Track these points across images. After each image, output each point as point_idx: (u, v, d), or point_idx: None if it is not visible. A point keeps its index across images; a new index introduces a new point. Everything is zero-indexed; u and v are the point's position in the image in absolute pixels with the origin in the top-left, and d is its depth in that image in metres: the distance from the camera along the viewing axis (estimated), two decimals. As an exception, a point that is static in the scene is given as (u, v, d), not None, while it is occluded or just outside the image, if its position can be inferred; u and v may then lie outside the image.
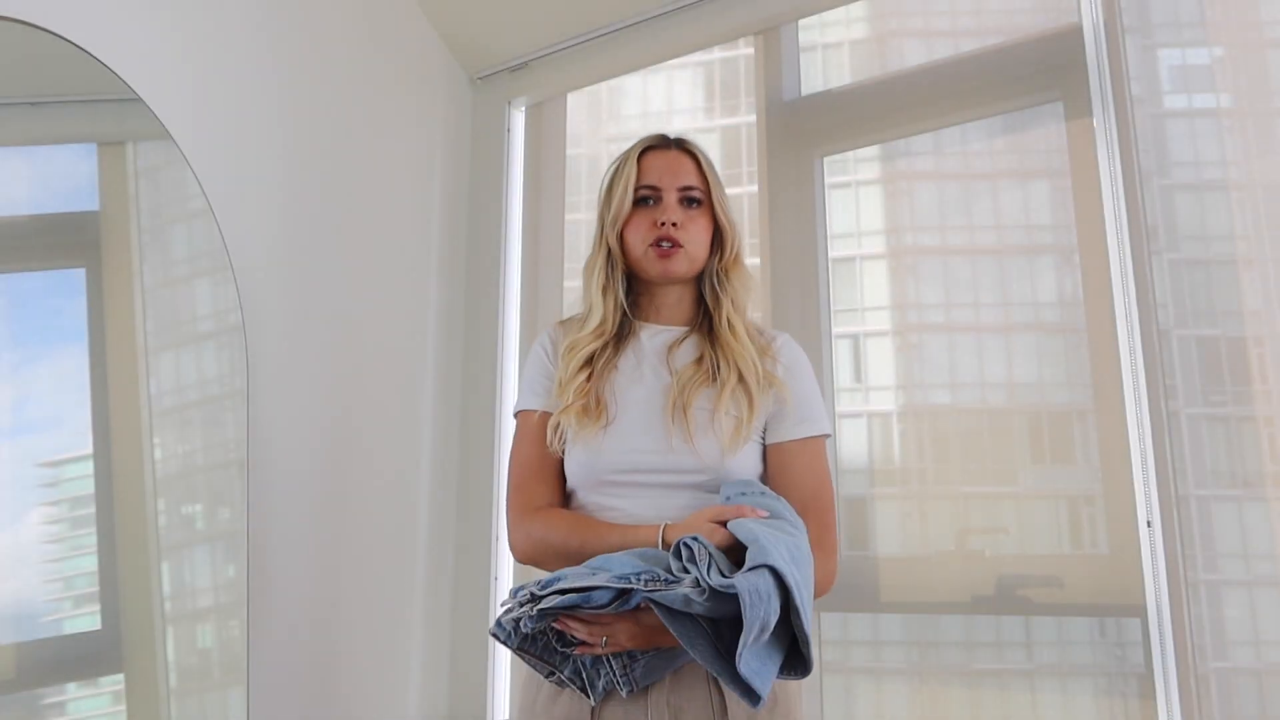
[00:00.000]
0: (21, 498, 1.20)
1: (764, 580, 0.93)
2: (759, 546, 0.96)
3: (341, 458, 1.79)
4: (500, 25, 2.18)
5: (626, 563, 1.02)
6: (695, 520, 1.08)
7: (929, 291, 1.79)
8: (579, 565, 1.06)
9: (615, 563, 1.03)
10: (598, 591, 0.99)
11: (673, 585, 0.97)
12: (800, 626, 0.96)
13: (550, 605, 1.00)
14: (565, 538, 1.16)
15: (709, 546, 1.00)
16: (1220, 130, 1.58)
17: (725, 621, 0.96)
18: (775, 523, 1.05)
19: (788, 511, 1.10)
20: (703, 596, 0.94)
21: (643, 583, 0.98)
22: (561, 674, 1.09)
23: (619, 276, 1.30)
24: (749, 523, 1.03)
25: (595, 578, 1.00)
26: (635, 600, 0.98)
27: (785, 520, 1.07)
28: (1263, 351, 1.46)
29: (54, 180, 1.31)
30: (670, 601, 0.95)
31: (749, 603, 0.91)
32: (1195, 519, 1.44)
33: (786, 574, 0.94)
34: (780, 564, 0.94)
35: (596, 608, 0.99)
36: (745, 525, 1.02)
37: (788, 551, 0.98)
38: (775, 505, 1.10)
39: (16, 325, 1.22)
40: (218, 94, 1.56)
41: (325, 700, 1.70)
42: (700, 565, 0.97)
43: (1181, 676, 1.40)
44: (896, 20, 1.95)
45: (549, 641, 1.07)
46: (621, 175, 1.30)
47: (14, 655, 1.17)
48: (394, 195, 2.03)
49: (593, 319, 1.28)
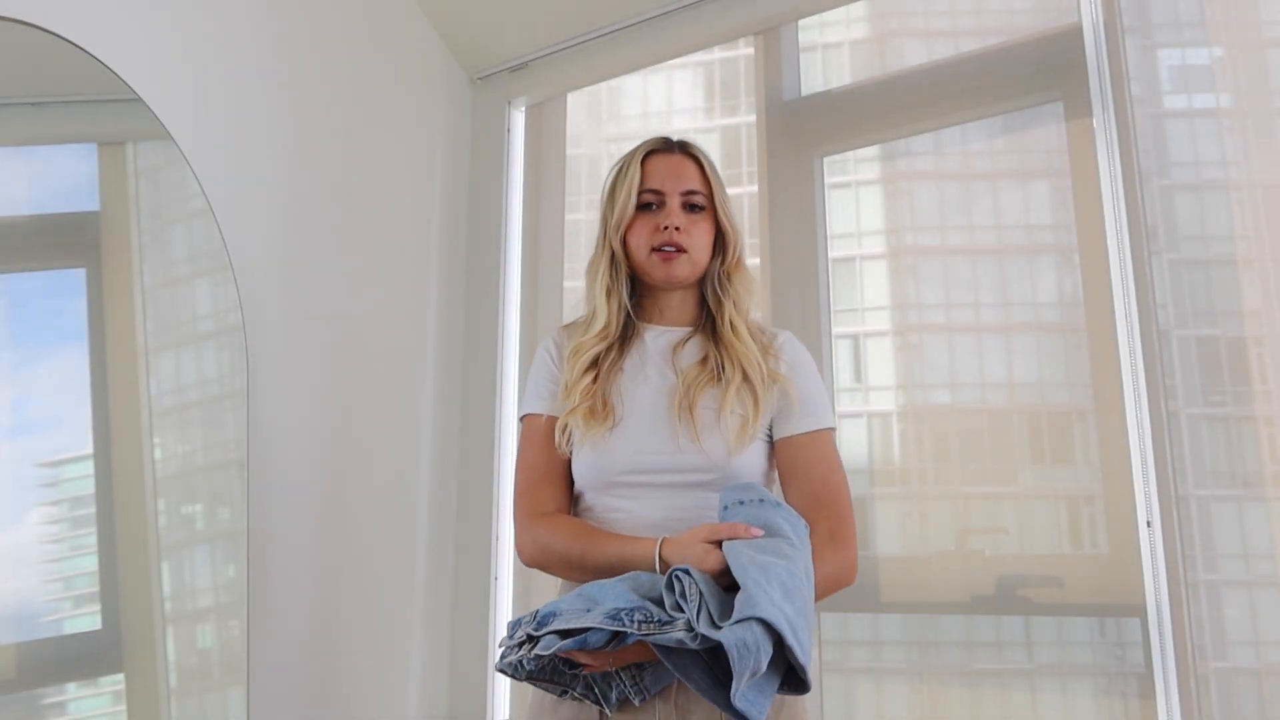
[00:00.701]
0: (21, 498, 1.20)
1: (751, 633, 0.92)
2: (747, 594, 0.95)
3: (342, 458, 1.79)
4: (500, 25, 2.18)
5: (620, 594, 1.02)
6: (690, 540, 1.08)
7: (929, 291, 1.79)
8: (572, 595, 1.06)
9: (609, 594, 1.02)
10: (592, 634, 0.99)
11: (666, 626, 0.97)
12: (795, 658, 0.96)
13: (547, 651, 1.00)
14: (568, 545, 1.16)
15: (700, 582, 0.99)
16: (1220, 130, 1.58)
17: (721, 648, 0.96)
18: (771, 544, 1.04)
19: (787, 521, 1.08)
20: (695, 641, 0.95)
21: (636, 624, 0.98)
22: (574, 692, 1.09)
23: (623, 279, 1.30)
24: (742, 551, 1.02)
25: (589, 616, 1.00)
26: (630, 641, 0.99)
27: (783, 537, 1.06)
28: (1262, 351, 1.46)
29: (54, 180, 1.31)
30: (665, 643, 0.96)
31: (736, 656, 0.91)
32: (1195, 519, 1.44)
33: (776, 621, 0.93)
34: (768, 612, 0.94)
35: (592, 649, 1.00)
36: (738, 555, 1.01)
37: (780, 587, 0.97)
38: (773, 517, 1.08)
39: (16, 325, 1.22)
40: (218, 94, 1.56)
41: (325, 700, 1.70)
42: (690, 606, 0.97)
43: (1181, 676, 1.40)
44: (896, 20, 1.95)
45: (556, 665, 1.07)
46: (625, 178, 1.30)
47: (14, 655, 1.17)
48: (394, 195, 2.03)
49: (597, 321, 1.28)
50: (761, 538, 1.05)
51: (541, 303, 2.19)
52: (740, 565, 1.00)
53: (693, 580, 0.99)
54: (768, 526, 1.07)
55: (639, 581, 1.04)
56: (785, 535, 1.06)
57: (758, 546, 1.03)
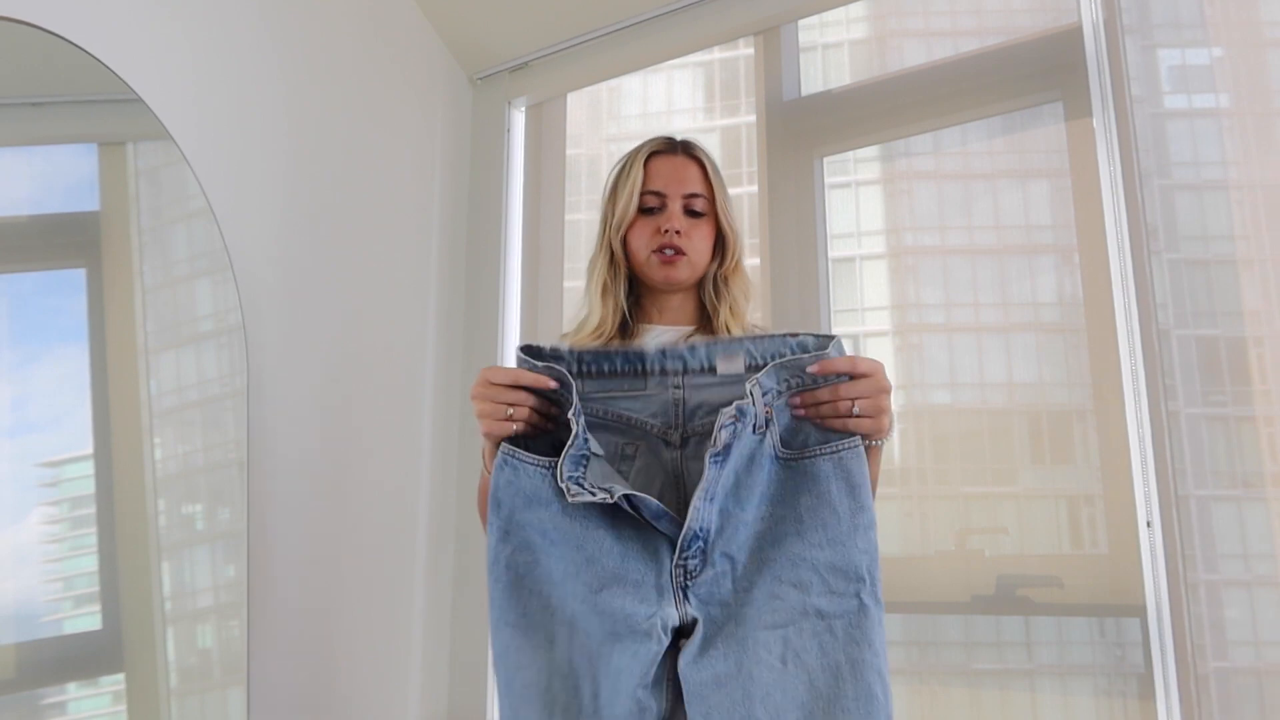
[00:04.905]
0: (21, 498, 1.20)
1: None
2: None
3: (341, 458, 1.79)
4: (500, 25, 2.18)
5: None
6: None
7: (929, 291, 1.79)
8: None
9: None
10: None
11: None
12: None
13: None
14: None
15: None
16: (1220, 130, 1.58)
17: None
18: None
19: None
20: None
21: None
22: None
23: (621, 279, 1.30)
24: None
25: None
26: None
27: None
28: (1262, 351, 1.46)
29: (54, 180, 1.31)
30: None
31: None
32: (1195, 519, 1.44)
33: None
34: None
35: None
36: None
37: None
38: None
39: (16, 325, 1.22)
40: (218, 94, 1.56)
41: (325, 700, 1.70)
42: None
43: (1181, 676, 1.40)
44: (896, 20, 1.95)
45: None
46: (627, 179, 1.29)
47: (14, 655, 1.17)
48: (394, 195, 2.03)
49: (591, 320, 1.28)
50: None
51: (541, 303, 2.19)
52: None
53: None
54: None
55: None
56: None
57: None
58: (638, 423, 1.05)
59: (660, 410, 1.04)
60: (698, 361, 1.04)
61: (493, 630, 1.00)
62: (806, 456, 0.99)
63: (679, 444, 1.04)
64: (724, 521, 0.98)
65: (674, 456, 1.04)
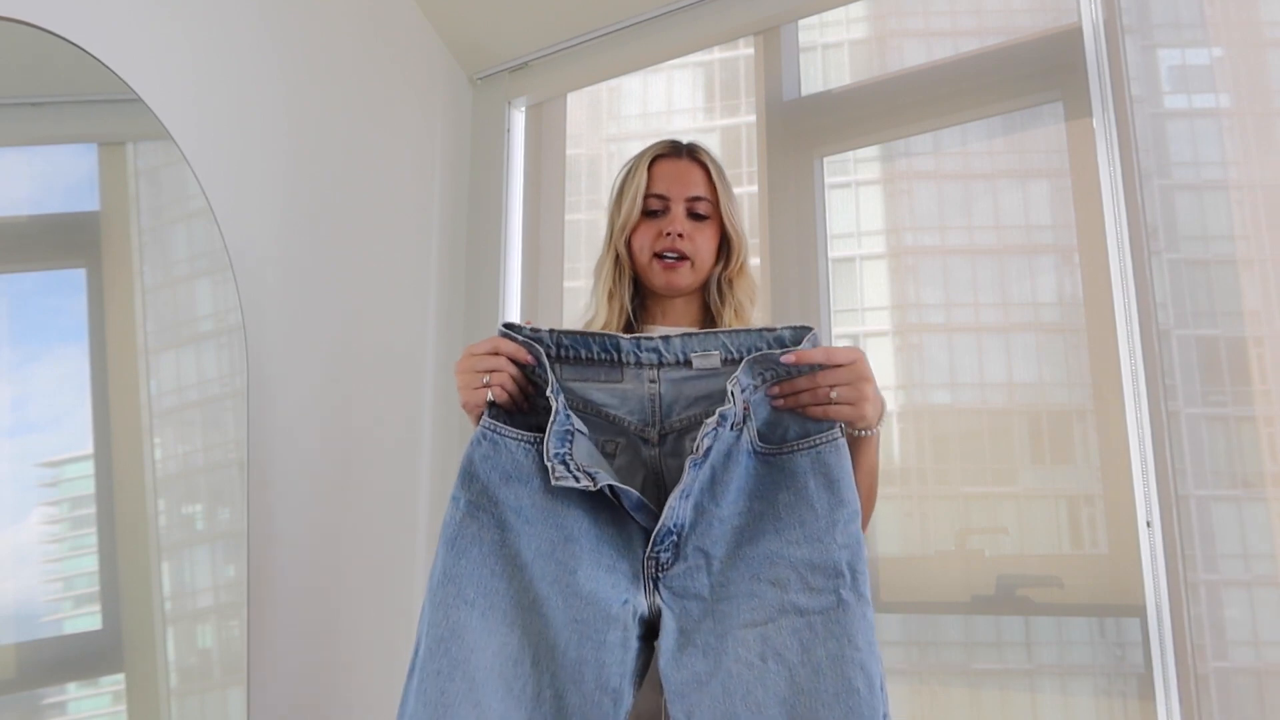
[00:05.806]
0: (21, 498, 1.19)
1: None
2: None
3: (342, 458, 1.79)
4: (500, 25, 2.18)
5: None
6: None
7: (929, 291, 1.79)
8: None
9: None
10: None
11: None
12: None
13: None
14: None
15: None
16: (1220, 130, 1.58)
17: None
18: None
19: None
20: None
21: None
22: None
23: (626, 281, 1.30)
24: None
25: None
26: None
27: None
28: (1262, 351, 1.46)
29: (54, 180, 1.31)
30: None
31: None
32: (1195, 519, 1.44)
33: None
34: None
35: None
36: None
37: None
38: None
39: (16, 325, 1.22)
40: (218, 94, 1.56)
41: (325, 700, 1.70)
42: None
43: (1181, 676, 1.40)
44: (896, 20, 1.95)
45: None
46: (631, 182, 1.30)
47: (14, 655, 1.17)
48: (394, 195, 2.03)
49: (596, 323, 1.30)
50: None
51: (541, 303, 2.19)
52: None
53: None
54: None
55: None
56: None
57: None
58: (616, 419, 1.05)
59: (637, 407, 1.05)
60: (673, 355, 1.03)
61: (442, 607, 0.97)
62: (785, 452, 1.00)
63: (657, 441, 1.04)
64: (698, 516, 0.98)
65: (653, 454, 1.04)
